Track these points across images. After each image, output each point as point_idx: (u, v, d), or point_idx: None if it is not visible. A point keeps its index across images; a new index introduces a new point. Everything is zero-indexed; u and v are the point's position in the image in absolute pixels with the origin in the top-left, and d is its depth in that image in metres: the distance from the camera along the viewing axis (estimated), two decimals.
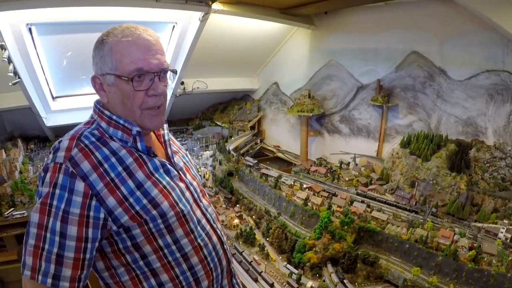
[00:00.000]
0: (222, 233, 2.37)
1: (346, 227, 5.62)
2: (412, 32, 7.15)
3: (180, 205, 1.96)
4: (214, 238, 2.23)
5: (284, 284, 5.03)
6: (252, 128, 11.36)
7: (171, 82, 1.99)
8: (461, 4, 5.41)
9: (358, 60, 8.42)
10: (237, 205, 7.43)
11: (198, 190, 2.26)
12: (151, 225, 1.82)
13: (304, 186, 7.11)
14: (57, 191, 1.61)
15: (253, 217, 6.91)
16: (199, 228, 2.09)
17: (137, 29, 1.84)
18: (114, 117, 1.87)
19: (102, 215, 1.68)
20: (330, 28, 8.85)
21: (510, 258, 4.64)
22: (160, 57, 1.85)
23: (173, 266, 1.95)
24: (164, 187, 1.92)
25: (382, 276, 5.21)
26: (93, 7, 6.06)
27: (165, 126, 2.22)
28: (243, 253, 5.67)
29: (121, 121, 1.86)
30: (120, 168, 1.78)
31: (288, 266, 5.45)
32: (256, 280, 5.06)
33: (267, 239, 6.25)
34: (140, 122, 1.89)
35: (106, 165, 1.74)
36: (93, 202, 1.65)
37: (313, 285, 4.95)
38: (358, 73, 8.49)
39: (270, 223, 6.41)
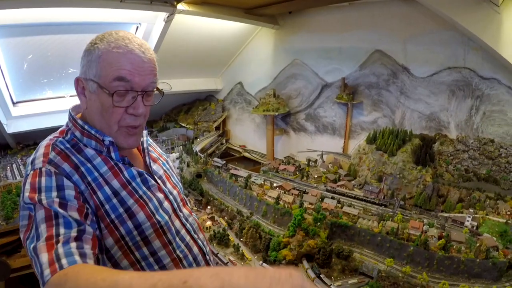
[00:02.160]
0: (205, 243, 2.28)
1: (319, 223, 5.73)
2: (376, 32, 7.38)
3: (157, 216, 1.85)
4: (195, 249, 2.12)
5: None
6: (217, 128, 11.35)
7: (156, 102, 1.81)
8: (424, 4, 5.62)
9: (322, 59, 8.58)
10: (208, 207, 7.41)
11: (179, 199, 2.12)
12: (127, 238, 1.74)
13: (275, 185, 7.18)
14: (43, 195, 1.50)
15: (225, 218, 6.93)
16: (177, 239, 1.95)
17: (132, 42, 1.69)
18: (86, 127, 1.76)
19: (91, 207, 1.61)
20: (295, 27, 8.97)
21: (477, 244, 4.88)
22: (148, 76, 1.70)
23: None
24: (140, 197, 1.82)
25: (356, 269, 5.36)
26: (54, 8, 5.86)
27: (145, 133, 2.07)
28: (218, 255, 5.69)
29: (93, 132, 1.74)
30: (96, 174, 1.69)
31: (264, 264, 5.51)
32: None
33: (241, 239, 6.29)
34: (115, 138, 1.77)
35: (82, 169, 1.65)
36: (82, 197, 1.58)
37: None
38: (323, 72, 8.65)
39: (243, 223, 6.45)
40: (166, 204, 1.96)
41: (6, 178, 7.09)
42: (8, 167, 7.64)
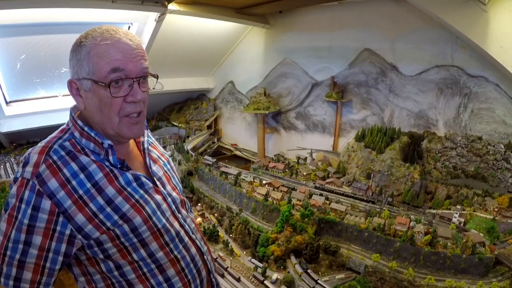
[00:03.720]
0: (202, 243, 2.28)
1: (306, 219, 5.76)
2: (365, 30, 7.42)
3: (154, 219, 1.81)
4: (193, 249, 2.12)
5: (250, 277, 5.11)
6: (209, 127, 11.36)
7: (152, 88, 1.77)
8: (412, 3, 5.67)
9: (312, 58, 8.61)
10: (199, 204, 7.42)
11: (178, 201, 2.10)
12: (122, 239, 1.74)
13: (264, 182, 7.20)
14: (23, 206, 1.57)
15: (215, 215, 6.94)
16: (176, 240, 1.94)
17: (117, 32, 1.66)
18: (85, 129, 1.72)
19: (67, 231, 1.61)
20: (285, 27, 9.00)
21: (464, 240, 4.91)
22: (140, 62, 1.69)
23: (148, 278, 1.86)
24: (137, 201, 1.78)
25: (344, 264, 5.39)
26: (47, 9, 5.86)
27: (146, 133, 1.97)
28: (217, 260, 5.69)
29: (92, 134, 1.70)
30: (89, 185, 1.66)
31: (253, 260, 5.54)
32: (222, 276, 5.11)
33: (231, 235, 6.31)
34: (119, 130, 1.75)
35: (74, 182, 1.64)
36: (60, 219, 1.60)
37: (279, 277, 5.06)
38: (313, 71, 8.68)
39: (232, 220, 6.47)
40: (164, 206, 1.92)
41: (0, 177, 7.09)
42: (2, 166, 7.65)
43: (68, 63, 1.67)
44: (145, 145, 1.97)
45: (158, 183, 1.92)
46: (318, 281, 4.89)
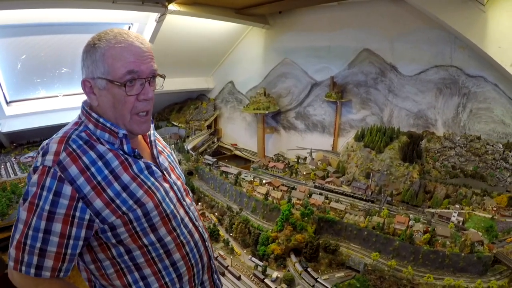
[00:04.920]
0: (204, 230, 2.44)
1: (306, 218, 5.80)
2: (364, 31, 7.47)
3: (164, 205, 2.01)
4: (196, 235, 2.29)
5: (250, 276, 5.14)
6: (209, 127, 11.40)
7: (159, 87, 2.01)
8: (411, 3, 5.72)
9: (312, 58, 8.66)
10: (199, 203, 7.46)
11: (182, 189, 2.29)
12: (135, 224, 1.89)
13: (264, 181, 7.23)
14: (44, 193, 1.69)
15: (216, 214, 6.97)
16: (182, 226, 2.14)
17: (129, 36, 1.86)
18: (101, 120, 1.90)
19: (87, 216, 1.75)
20: (285, 27, 9.05)
21: (462, 239, 4.94)
22: (150, 64, 1.89)
23: (156, 262, 2.03)
24: (149, 188, 1.96)
25: (343, 263, 5.42)
26: (48, 9, 5.88)
27: (152, 126, 2.21)
28: (218, 258, 5.73)
29: (108, 124, 1.89)
30: (106, 172, 1.83)
31: (253, 259, 5.56)
32: (223, 274, 5.15)
33: (231, 234, 6.34)
34: (129, 126, 1.94)
35: (93, 169, 1.79)
36: (80, 204, 1.73)
37: (279, 275, 5.08)
38: (312, 71, 8.73)
39: (232, 219, 6.50)
40: (171, 194, 2.13)
41: (0, 177, 7.12)
42: (2, 166, 7.67)
43: (81, 63, 1.87)
44: (152, 138, 2.19)
45: (165, 172, 2.11)
46: (318, 279, 4.92)
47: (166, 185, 2.09)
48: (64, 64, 7.80)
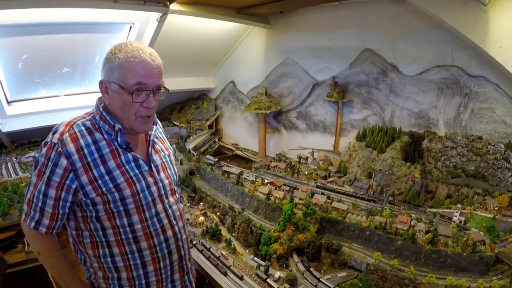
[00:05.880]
0: (182, 231, 2.74)
1: (308, 218, 5.79)
2: (365, 30, 7.46)
3: (141, 195, 2.43)
4: (169, 232, 2.68)
5: (253, 276, 5.13)
6: (210, 127, 11.42)
7: (163, 97, 2.46)
8: (412, 3, 5.71)
9: (313, 57, 8.66)
10: (201, 203, 7.46)
11: (168, 188, 2.71)
12: (112, 205, 2.31)
13: (266, 181, 7.23)
14: (49, 163, 2.18)
15: (218, 214, 6.97)
16: (155, 219, 2.53)
17: (144, 52, 2.27)
18: (104, 113, 2.35)
19: (74, 186, 2.23)
20: (286, 27, 9.05)
21: (464, 238, 4.96)
22: (157, 78, 2.31)
23: (124, 244, 2.42)
24: (131, 177, 2.39)
25: (345, 263, 5.42)
26: (48, 9, 5.88)
27: (155, 128, 2.73)
28: (210, 249, 5.72)
29: (108, 118, 2.34)
30: (96, 155, 2.26)
31: (255, 258, 5.55)
32: (225, 274, 5.14)
33: (233, 234, 6.33)
34: (133, 125, 2.38)
35: (86, 150, 2.24)
36: (71, 175, 2.21)
37: (281, 275, 5.08)
38: (314, 71, 8.73)
39: (234, 219, 6.50)
40: (153, 188, 2.55)
41: (1, 176, 7.14)
42: (4, 166, 7.68)
43: (102, 66, 2.33)
44: (151, 137, 2.65)
45: (154, 169, 2.57)
46: (321, 279, 4.92)
47: (150, 179, 2.52)
48: (65, 64, 7.81)
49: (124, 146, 2.40)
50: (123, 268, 2.45)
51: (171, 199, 2.70)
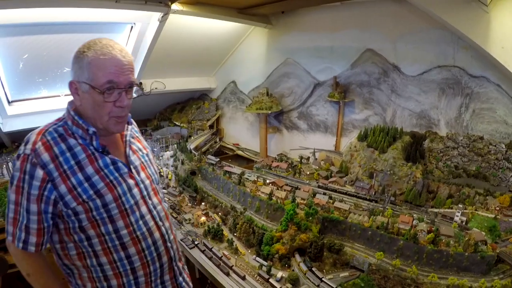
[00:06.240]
0: (169, 231, 2.65)
1: (310, 218, 5.80)
2: (367, 31, 7.49)
3: (123, 199, 2.31)
4: (157, 234, 2.54)
5: (255, 276, 5.15)
6: (211, 127, 11.43)
7: (136, 95, 2.43)
8: (413, 3, 5.72)
9: (314, 58, 8.69)
10: (203, 203, 7.47)
11: (150, 189, 2.58)
12: (94, 212, 2.19)
13: (268, 181, 7.24)
14: (26, 177, 2.05)
15: (219, 214, 6.98)
16: (140, 222, 2.41)
17: (114, 49, 2.17)
18: (76, 117, 2.24)
19: (53, 197, 2.10)
20: (287, 27, 9.08)
21: (466, 238, 4.97)
22: (128, 76, 2.20)
23: (111, 252, 2.30)
24: (111, 181, 2.27)
25: (348, 263, 5.43)
26: (50, 8, 5.91)
27: (130, 127, 2.63)
28: (212, 249, 5.73)
29: (80, 121, 2.23)
30: (72, 162, 2.15)
31: (258, 258, 5.56)
32: (228, 274, 5.15)
33: (235, 234, 6.34)
34: (106, 126, 2.26)
35: (61, 158, 2.12)
36: (48, 185, 2.07)
37: (283, 275, 5.10)
38: (315, 71, 8.75)
39: (236, 219, 6.51)
40: (135, 190, 2.43)
41: (2, 176, 7.16)
42: (4, 166, 7.69)
43: (71, 66, 2.20)
44: (127, 138, 2.54)
45: (133, 170, 2.45)
46: (323, 279, 4.93)
47: (131, 182, 2.39)
48: (66, 64, 7.79)
49: (100, 150, 2.28)
50: (113, 276, 2.35)
51: (155, 199, 2.57)
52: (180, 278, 2.76)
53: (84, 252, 2.28)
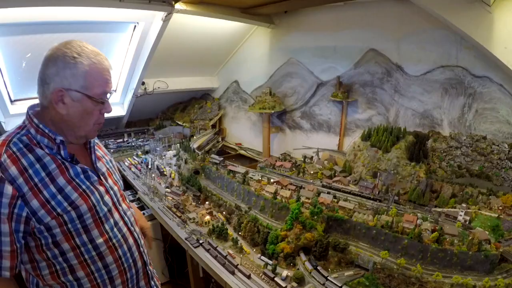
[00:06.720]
0: (140, 236, 2.64)
1: (316, 217, 5.84)
2: (370, 31, 7.52)
3: (98, 208, 2.25)
4: (130, 240, 2.52)
5: (260, 274, 5.17)
6: (213, 126, 11.46)
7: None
8: (417, 4, 5.75)
9: (317, 58, 8.71)
10: (206, 202, 7.50)
11: (118, 195, 2.56)
12: (69, 225, 2.09)
13: (272, 180, 7.27)
14: None
15: (224, 213, 7.01)
16: (115, 229, 2.38)
17: (102, 57, 2.18)
18: (41, 126, 2.12)
19: (24, 214, 1.93)
20: (290, 27, 9.10)
21: (470, 237, 5.01)
22: (111, 83, 2.23)
23: (89, 264, 2.22)
24: (84, 191, 2.19)
25: (352, 261, 5.46)
26: (53, 7, 5.92)
27: None
28: (217, 248, 5.76)
29: (46, 130, 2.11)
30: (43, 174, 2.01)
31: (263, 257, 5.58)
32: (233, 273, 5.18)
33: (239, 233, 6.36)
34: (89, 133, 2.27)
35: (30, 171, 1.97)
36: (18, 202, 1.90)
37: (289, 273, 5.12)
38: (318, 71, 8.78)
39: (241, 218, 6.53)
40: (107, 197, 2.39)
41: None
42: None
43: (52, 70, 2.13)
44: (92, 144, 2.47)
45: (102, 177, 2.40)
46: (328, 277, 4.97)
47: (102, 189, 2.34)
48: None
49: (69, 159, 2.17)
50: None
51: (124, 205, 2.55)
52: (152, 282, 2.77)
53: (58, 269, 2.15)
